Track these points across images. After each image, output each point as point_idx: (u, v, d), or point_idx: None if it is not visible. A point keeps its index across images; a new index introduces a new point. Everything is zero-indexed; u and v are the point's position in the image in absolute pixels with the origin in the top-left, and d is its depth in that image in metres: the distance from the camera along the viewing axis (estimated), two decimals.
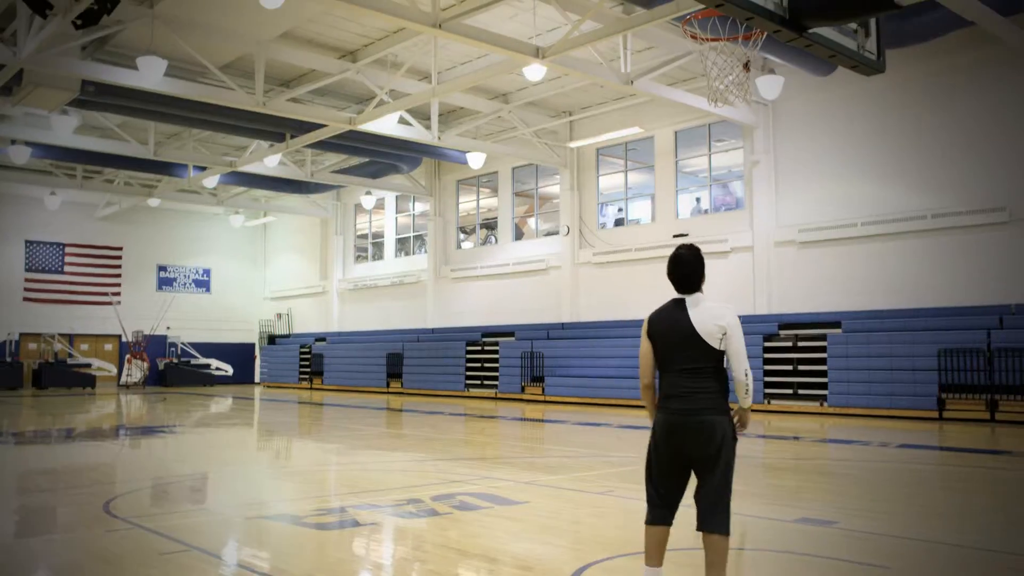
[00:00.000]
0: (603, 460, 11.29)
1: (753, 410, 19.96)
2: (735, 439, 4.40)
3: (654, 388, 4.58)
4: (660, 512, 4.43)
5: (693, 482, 4.46)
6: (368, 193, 31.15)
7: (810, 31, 7.31)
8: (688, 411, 4.30)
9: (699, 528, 4.35)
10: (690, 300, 4.46)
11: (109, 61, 18.56)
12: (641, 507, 4.64)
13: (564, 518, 7.08)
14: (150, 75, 17.24)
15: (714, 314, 4.36)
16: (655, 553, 4.44)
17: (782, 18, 6.97)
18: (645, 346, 4.53)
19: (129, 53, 18.69)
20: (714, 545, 4.30)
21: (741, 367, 4.34)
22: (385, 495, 8.30)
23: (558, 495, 8.21)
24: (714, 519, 4.30)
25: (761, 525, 6.85)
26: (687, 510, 4.50)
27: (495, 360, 25.79)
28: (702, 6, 12.77)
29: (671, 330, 4.43)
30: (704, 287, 4.52)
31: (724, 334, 4.33)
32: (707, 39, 9.37)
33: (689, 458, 4.36)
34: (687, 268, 4.47)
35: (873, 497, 8.36)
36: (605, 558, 5.61)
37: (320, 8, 17.17)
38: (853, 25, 7.63)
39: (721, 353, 4.36)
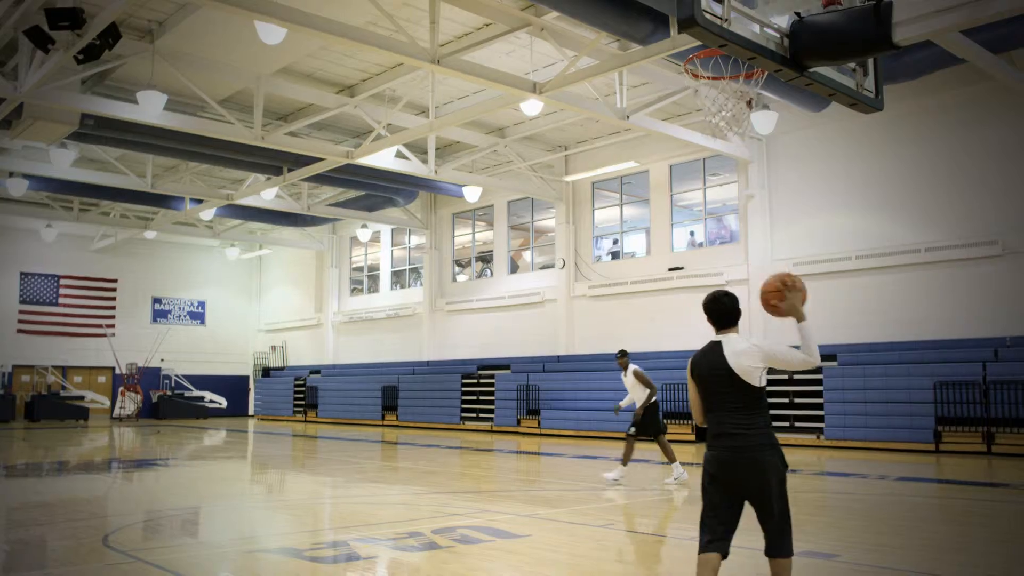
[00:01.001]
0: (603, 494, 11.26)
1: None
2: (786, 466, 4.59)
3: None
4: (717, 543, 4.51)
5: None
6: (364, 226, 31.25)
7: (810, 70, 7.44)
8: (739, 448, 4.48)
9: (769, 554, 4.58)
10: (724, 340, 4.65)
11: (109, 95, 18.68)
12: (645, 539, 4.67)
13: (566, 551, 7.07)
14: (150, 109, 17.34)
15: (740, 352, 4.54)
16: None
17: (783, 58, 7.10)
18: (692, 388, 4.76)
19: (128, 87, 18.83)
20: (783, 567, 4.58)
21: (802, 358, 4.59)
22: (384, 528, 8.27)
23: (559, 528, 8.20)
24: (783, 545, 4.55)
25: (763, 559, 6.83)
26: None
27: (491, 393, 25.75)
28: (699, 44, 13.00)
29: (711, 373, 4.61)
30: (739, 326, 4.74)
31: (764, 369, 4.53)
32: (709, 77, 9.49)
33: (745, 492, 4.53)
34: (722, 307, 4.72)
35: (875, 530, 8.35)
36: None
37: (319, 44, 17.33)
38: (852, 64, 7.78)
39: (761, 390, 4.55)
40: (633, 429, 12.39)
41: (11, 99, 16.70)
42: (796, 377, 18.99)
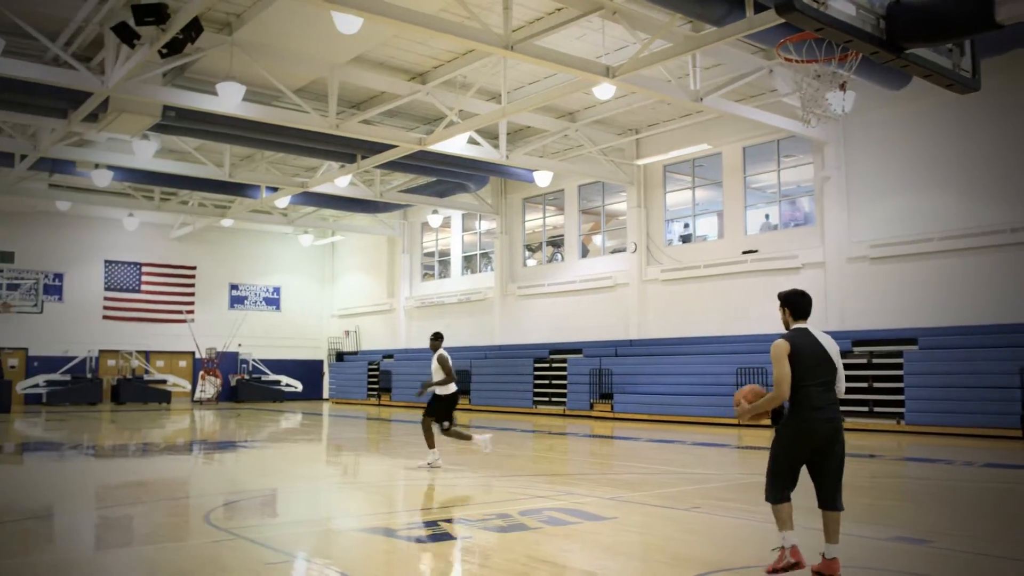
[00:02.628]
0: (683, 477, 11.29)
1: None
2: None
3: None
4: (788, 492, 5.51)
5: None
6: (435, 212, 31.54)
7: (907, 52, 7.32)
8: (829, 419, 5.47)
9: (826, 507, 5.48)
10: (810, 328, 5.62)
11: (188, 87, 19.16)
12: (730, 523, 4.74)
13: (656, 534, 7.13)
14: (229, 100, 17.74)
15: (829, 340, 5.60)
16: (790, 521, 5.45)
17: (880, 40, 7.00)
18: (786, 365, 5.44)
19: (206, 79, 19.29)
20: (837, 519, 5.48)
21: (843, 384, 5.70)
22: (472, 509, 8.43)
23: (645, 511, 8.26)
24: (838, 499, 5.49)
25: (856, 543, 6.81)
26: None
27: (563, 377, 25.85)
28: (776, 22, 12.84)
29: (812, 353, 5.48)
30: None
31: (839, 355, 5.58)
32: (801, 61, 9.38)
33: (820, 454, 5.47)
34: (808, 301, 5.75)
35: (966, 516, 8.25)
36: (704, 573, 5.66)
37: (392, 32, 17.52)
38: (948, 44, 7.63)
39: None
40: (447, 423, 12.49)
41: (98, 93, 17.24)
42: (875, 361, 18.69)
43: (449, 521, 7.65)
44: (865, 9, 7.07)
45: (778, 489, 5.50)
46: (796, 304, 5.69)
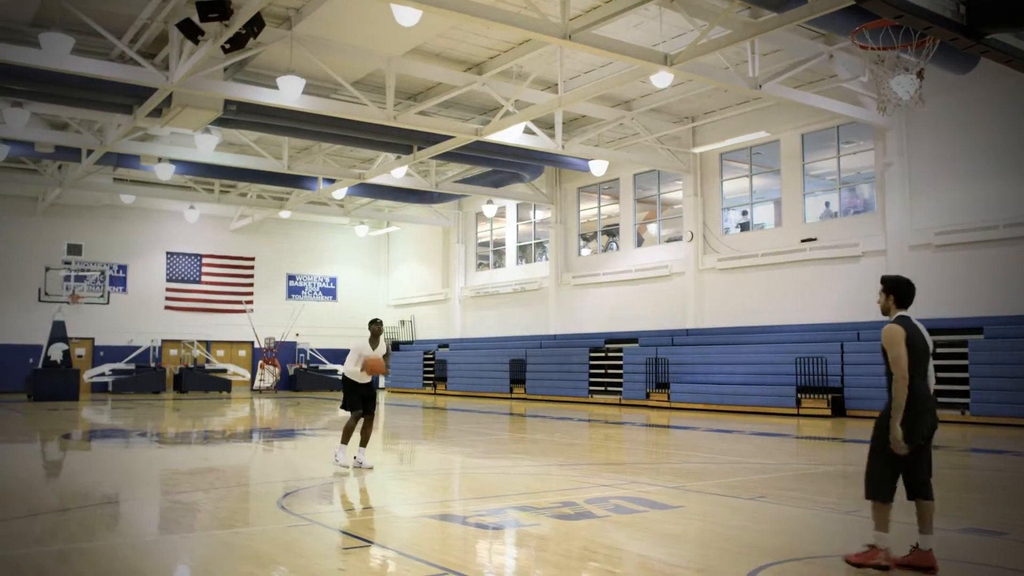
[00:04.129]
0: (745, 467, 11.25)
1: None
2: None
3: None
4: (894, 489, 5.42)
5: None
6: (490, 202, 31.66)
7: (987, 37, 7.20)
8: (934, 410, 5.41)
9: (922, 495, 5.41)
10: (915, 320, 5.52)
11: (248, 81, 19.49)
12: (798, 513, 4.79)
13: (722, 523, 7.14)
14: (290, 93, 18.00)
15: (926, 331, 5.52)
16: (888, 522, 5.41)
17: (960, 26, 6.91)
18: (905, 350, 5.33)
19: (266, 72, 19.60)
20: (932, 508, 5.43)
21: (933, 376, 5.53)
22: (538, 497, 8.50)
23: (710, 500, 8.27)
24: (931, 488, 5.44)
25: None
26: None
27: (619, 366, 25.83)
28: (836, 7, 12.65)
29: (923, 343, 5.44)
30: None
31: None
32: (878, 48, 9.26)
33: (922, 444, 5.37)
34: (914, 289, 5.66)
35: None
36: (774, 562, 5.67)
37: (449, 23, 17.62)
38: None
39: None
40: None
41: (162, 89, 17.64)
42: (939, 351, 18.36)
43: (517, 509, 7.73)
44: None
45: (885, 487, 5.40)
46: (902, 291, 5.58)
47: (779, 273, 22.99)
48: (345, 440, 10.63)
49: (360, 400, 10.68)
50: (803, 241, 22.42)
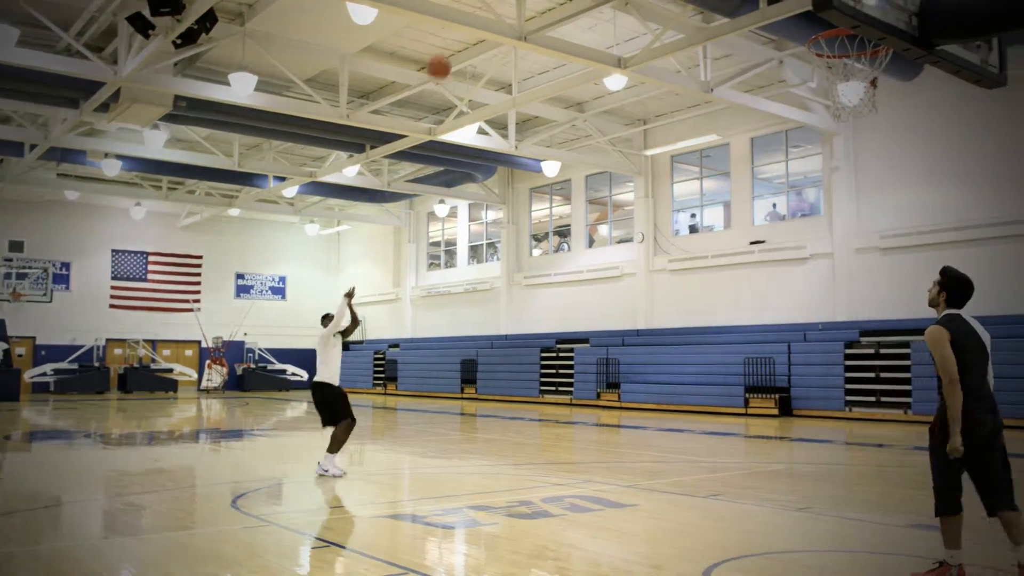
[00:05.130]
0: (698, 466, 11.41)
1: (833, 417, 19.62)
2: None
3: None
4: (959, 501, 5.04)
5: None
6: (442, 201, 31.61)
7: (938, 48, 7.42)
8: (994, 410, 5.08)
9: (1007, 507, 4.98)
10: (965, 315, 5.19)
11: (199, 77, 19.22)
12: (753, 510, 4.88)
13: (678, 521, 7.25)
14: (242, 90, 17.77)
15: (982, 328, 5.19)
16: (960, 538, 5.08)
17: (913, 37, 7.10)
18: (951, 351, 4.98)
19: (217, 68, 19.36)
20: (1019, 519, 4.97)
21: (992, 374, 5.21)
22: (494, 497, 8.54)
23: (665, 499, 8.38)
24: (1013, 496, 5.03)
25: (877, 529, 6.94)
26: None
27: (570, 366, 25.99)
28: (789, 13, 12.90)
29: (974, 342, 5.09)
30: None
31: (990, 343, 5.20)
32: (833, 56, 9.47)
33: (987, 449, 5.04)
34: (972, 291, 5.27)
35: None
36: (730, 558, 5.77)
37: (404, 22, 17.57)
38: (976, 41, 7.72)
39: None
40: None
41: (110, 83, 17.31)
42: (883, 352, 18.81)
43: (474, 508, 7.76)
44: (898, 7, 7.16)
45: (948, 498, 5.04)
46: (959, 291, 5.21)
47: (728, 274, 23.33)
48: (336, 449, 10.02)
49: (349, 404, 10.17)
50: (752, 243, 22.77)
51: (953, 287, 5.21)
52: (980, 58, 7.86)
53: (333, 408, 10.10)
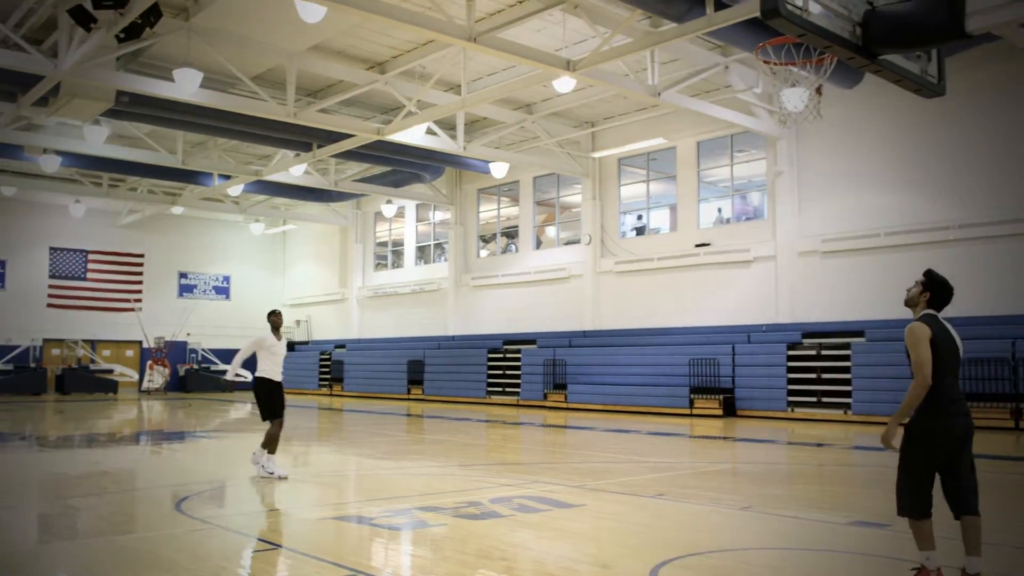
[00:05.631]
0: (644, 465, 11.52)
1: (776, 417, 19.82)
2: None
3: None
4: (929, 503, 5.01)
5: None
6: (389, 202, 31.45)
7: (880, 58, 7.60)
8: (967, 413, 5.05)
9: (966, 512, 4.99)
10: (940, 318, 5.16)
11: (142, 72, 18.88)
12: (698, 510, 4.94)
13: (624, 520, 7.32)
14: (186, 86, 17.50)
15: (955, 330, 5.14)
16: (933, 539, 5.03)
17: (856, 46, 7.27)
18: (929, 351, 4.96)
19: (161, 64, 19.03)
20: (979, 525, 5.00)
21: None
22: (443, 498, 8.53)
23: (612, 499, 8.45)
24: (977, 501, 5.01)
25: (817, 527, 7.08)
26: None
27: (517, 367, 26.04)
28: (733, 21, 13.11)
29: (949, 342, 5.05)
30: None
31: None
32: (779, 64, 9.64)
33: (958, 452, 5.01)
34: (952, 294, 5.22)
35: None
36: (676, 557, 5.84)
37: (353, 21, 17.47)
38: (916, 52, 7.93)
39: None
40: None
41: (50, 77, 16.92)
42: (824, 353, 19.17)
43: (422, 509, 7.75)
44: (843, 17, 7.34)
45: (919, 500, 5.01)
46: (941, 294, 5.21)
47: (674, 277, 23.58)
48: (273, 449, 9.86)
49: (282, 404, 10.04)
50: (697, 246, 23.05)
51: (937, 290, 5.22)
52: (920, 68, 8.09)
53: (274, 404, 10.03)
